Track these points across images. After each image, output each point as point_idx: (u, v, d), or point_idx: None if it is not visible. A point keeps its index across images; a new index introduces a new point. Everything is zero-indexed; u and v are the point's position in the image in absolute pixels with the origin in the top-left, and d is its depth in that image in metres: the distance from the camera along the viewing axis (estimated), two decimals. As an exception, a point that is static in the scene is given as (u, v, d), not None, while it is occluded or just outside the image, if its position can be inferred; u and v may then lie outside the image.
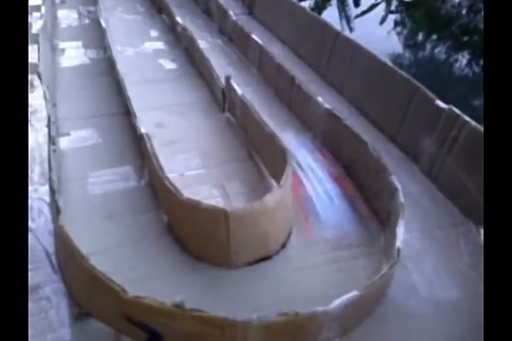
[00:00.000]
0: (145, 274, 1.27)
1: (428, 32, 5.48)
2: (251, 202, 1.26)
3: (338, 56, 2.35)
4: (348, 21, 5.65)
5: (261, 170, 1.75)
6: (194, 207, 1.26)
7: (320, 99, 1.88)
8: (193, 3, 3.55)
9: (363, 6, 5.98)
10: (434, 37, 5.22)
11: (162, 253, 1.36)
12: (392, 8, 6.03)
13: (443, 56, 4.80)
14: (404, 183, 1.55)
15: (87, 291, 1.14)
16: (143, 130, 1.62)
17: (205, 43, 2.76)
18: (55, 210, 1.27)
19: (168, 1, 3.21)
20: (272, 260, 1.34)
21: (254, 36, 2.51)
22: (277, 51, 2.55)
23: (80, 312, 1.15)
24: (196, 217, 1.28)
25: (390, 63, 2.04)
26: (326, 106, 1.84)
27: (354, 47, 2.24)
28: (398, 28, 5.50)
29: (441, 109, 1.63)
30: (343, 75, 2.28)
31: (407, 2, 6.37)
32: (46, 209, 1.51)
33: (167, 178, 1.37)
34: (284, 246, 1.39)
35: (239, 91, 1.89)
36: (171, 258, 1.35)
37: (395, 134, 1.91)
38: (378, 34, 4.87)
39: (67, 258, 1.21)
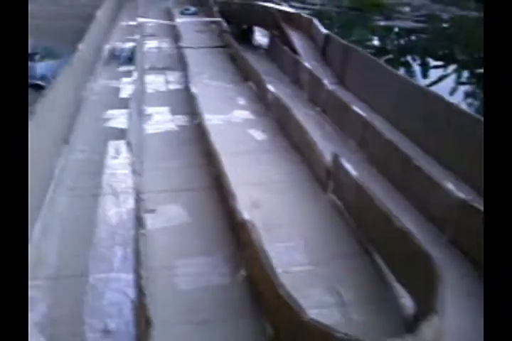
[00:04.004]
0: None
1: (502, 104, 5.26)
2: (402, 336, 0.93)
3: (452, 132, 2.07)
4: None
5: (380, 271, 1.43)
6: (323, 334, 0.95)
7: (451, 186, 1.59)
8: (280, 71, 3.46)
9: (432, 77, 5.86)
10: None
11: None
12: (463, 79, 5.83)
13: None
14: None
15: None
16: (246, 215, 1.37)
17: (297, 114, 2.56)
18: (144, 322, 1.01)
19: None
20: None
21: (355, 108, 2.29)
22: (376, 124, 2.28)
23: None
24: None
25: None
26: (460, 195, 1.53)
27: (472, 121, 1.95)
28: (469, 99, 5.30)
29: None
30: (460, 155, 1.98)
31: (479, 73, 6.18)
32: (128, 308, 1.26)
33: (282, 286, 1.08)
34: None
35: (353, 172, 1.63)
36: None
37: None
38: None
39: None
